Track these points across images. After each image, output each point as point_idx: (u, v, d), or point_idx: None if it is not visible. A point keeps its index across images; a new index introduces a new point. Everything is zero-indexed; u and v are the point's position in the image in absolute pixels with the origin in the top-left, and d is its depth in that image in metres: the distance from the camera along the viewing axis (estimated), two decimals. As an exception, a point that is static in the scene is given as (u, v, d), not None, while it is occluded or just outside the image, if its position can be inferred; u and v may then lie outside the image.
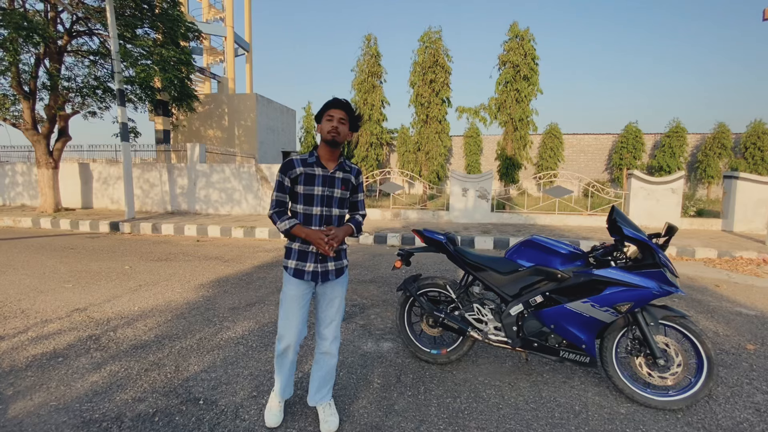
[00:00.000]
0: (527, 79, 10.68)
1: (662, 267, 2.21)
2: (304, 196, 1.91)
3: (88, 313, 3.76)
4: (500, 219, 9.80)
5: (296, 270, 1.96)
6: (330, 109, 1.89)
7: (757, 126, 16.91)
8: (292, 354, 2.05)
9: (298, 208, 1.93)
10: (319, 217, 1.93)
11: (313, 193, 1.91)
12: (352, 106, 1.95)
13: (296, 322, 1.99)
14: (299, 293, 1.98)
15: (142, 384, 2.54)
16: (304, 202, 1.92)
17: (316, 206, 1.92)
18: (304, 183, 1.89)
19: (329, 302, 2.04)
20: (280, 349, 2.04)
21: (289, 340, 2.00)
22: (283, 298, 2.02)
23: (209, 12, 19.64)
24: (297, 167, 1.91)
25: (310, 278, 1.95)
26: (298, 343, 2.04)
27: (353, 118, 1.95)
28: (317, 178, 1.91)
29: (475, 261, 2.66)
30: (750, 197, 8.68)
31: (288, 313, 1.99)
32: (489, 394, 2.46)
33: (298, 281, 1.97)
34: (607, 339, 2.40)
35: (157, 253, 6.49)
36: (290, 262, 1.97)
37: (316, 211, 1.92)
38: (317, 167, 1.92)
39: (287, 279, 2.00)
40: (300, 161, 1.93)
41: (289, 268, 1.98)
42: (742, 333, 3.48)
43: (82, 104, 10.67)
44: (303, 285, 1.97)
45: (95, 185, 11.79)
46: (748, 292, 4.73)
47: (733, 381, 2.64)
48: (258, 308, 3.92)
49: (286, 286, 2.00)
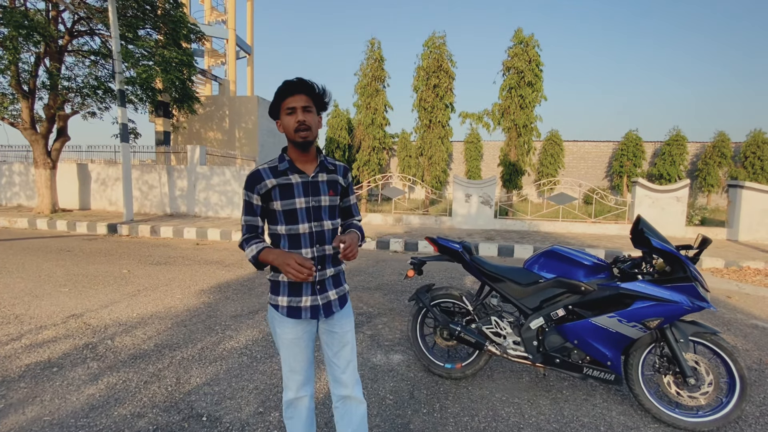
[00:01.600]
0: (531, 85, 10.64)
1: (694, 281, 2.10)
2: (285, 213, 1.48)
3: (85, 320, 3.62)
4: (504, 225, 9.70)
5: (290, 308, 1.52)
6: (287, 99, 1.43)
7: (756, 135, 16.96)
8: (308, 403, 1.62)
9: (280, 229, 1.50)
10: (308, 236, 1.50)
11: (295, 207, 1.48)
12: (310, 82, 1.45)
13: (303, 365, 1.58)
14: (298, 335, 1.55)
15: (141, 398, 2.40)
16: (285, 220, 1.49)
17: (303, 223, 1.49)
18: (280, 197, 1.47)
19: (341, 341, 1.60)
20: (289, 399, 1.59)
21: (298, 390, 1.58)
22: (278, 341, 1.57)
23: (211, 14, 19.60)
24: (266, 179, 1.47)
25: (309, 315, 1.52)
26: (311, 387, 1.63)
27: (318, 97, 1.47)
28: (296, 188, 1.48)
29: (492, 271, 2.55)
30: (755, 207, 8.63)
31: (288, 361, 1.56)
32: (508, 412, 2.34)
33: (294, 321, 1.54)
34: (633, 356, 2.29)
35: (156, 257, 6.35)
36: (280, 299, 1.53)
37: (304, 228, 1.49)
38: (293, 173, 1.49)
39: (279, 320, 1.54)
40: (269, 171, 1.48)
41: (280, 306, 1.53)
42: (762, 347, 3.38)
43: (81, 104, 10.55)
44: (302, 324, 1.55)
45: (93, 186, 11.63)
46: (761, 304, 4.63)
47: (759, 400, 2.53)
48: (261, 316, 3.79)
49: (280, 329, 1.54)
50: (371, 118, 11.42)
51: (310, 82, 1.45)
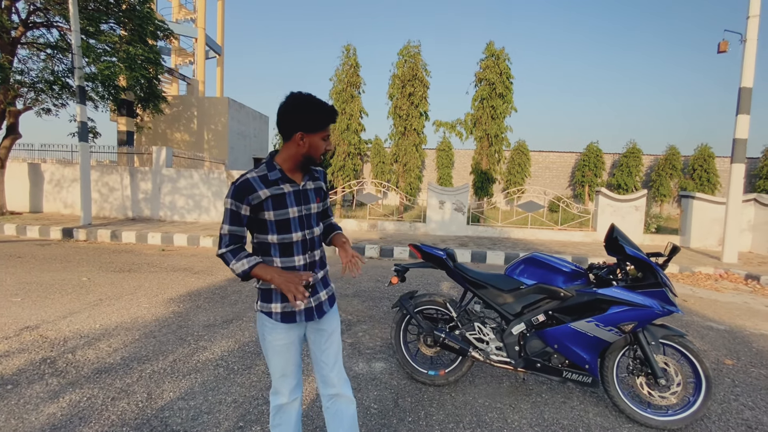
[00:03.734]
0: (502, 96, 10.99)
1: (664, 286, 2.23)
2: (278, 223, 1.48)
3: (41, 332, 3.36)
4: (476, 232, 9.91)
5: (284, 314, 1.53)
6: (329, 125, 1.50)
7: (703, 150, 18.31)
8: (298, 407, 1.64)
9: (270, 238, 1.50)
10: (301, 244, 1.53)
11: (288, 216, 1.49)
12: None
13: (295, 369, 1.60)
14: (291, 339, 1.56)
15: (109, 416, 2.25)
16: (278, 230, 1.49)
17: (296, 231, 1.51)
18: (273, 208, 1.46)
19: (329, 339, 1.63)
20: (279, 404, 1.60)
21: (290, 393, 1.59)
22: (269, 349, 1.56)
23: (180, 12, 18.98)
24: (258, 190, 1.44)
25: (304, 318, 1.55)
26: (301, 390, 1.66)
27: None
28: (288, 197, 1.49)
29: (476, 278, 2.59)
30: (705, 216, 9.29)
31: (280, 366, 1.57)
32: (492, 417, 2.37)
33: (287, 327, 1.55)
34: (609, 359, 2.38)
35: (119, 263, 6.01)
36: (274, 306, 1.53)
37: (297, 237, 1.51)
38: (284, 183, 1.49)
39: (272, 327, 1.54)
40: (259, 180, 1.46)
41: (273, 314, 1.53)
42: (718, 348, 3.62)
43: (35, 100, 9.89)
44: (294, 328, 1.57)
45: (47, 187, 10.87)
46: (713, 307, 4.97)
47: (720, 397, 2.70)
48: (236, 325, 3.66)
49: (271, 336, 1.54)
50: (346, 123, 11.39)
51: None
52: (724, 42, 7.51)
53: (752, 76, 7.36)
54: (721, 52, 7.51)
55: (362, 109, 11.66)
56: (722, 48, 7.45)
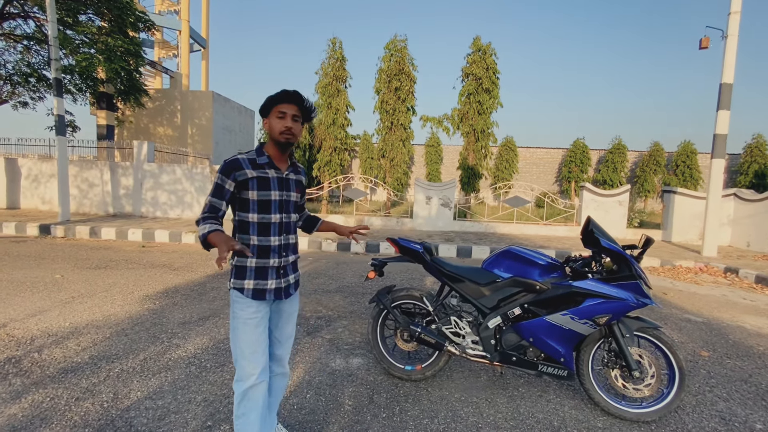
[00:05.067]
0: (489, 92, 10.99)
1: (638, 279, 2.22)
2: (259, 203, 1.63)
3: (8, 331, 3.23)
4: (462, 227, 9.92)
5: (256, 291, 1.65)
6: (281, 104, 1.62)
7: (686, 146, 18.62)
8: (264, 390, 1.69)
9: (251, 217, 1.64)
10: (278, 225, 1.68)
11: (270, 198, 1.65)
12: (304, 97, 1.65)
13: (264, 347, 1.69)
14: (261, 315, 1.67)
15: (71, 416, 2.16)
16: (259, 210, 1.64)
17: (275, 213, 1.67)
18: (258, 188, 1.62)
19: (288, 318, 1.82)
20: (246, 389, 1.63)
21: (260, 373, 1.65)
22: (240, 327, 1.64)
23: (163, 3, 18.54)
24: (246, 168, 1.61)
25: (273, 297, 1.68)
26: (267, 373, 1.71)
27: (306, 111, 1.67)
28: (272, 182, 1.66)
29: (452, 272, 2.56)
30: (686, 211, 9.44)
31: (251, 343, 1.64)
32: (467, 412, 2.34)
33: (258, 304, 1.66)
34: (584, 352, 2.38)
35: (95, 260, 5.85)
36: (246, 282, 1.65)
37: (275, 218, 1.67)
38: (270, 169, 1.66)
39: (244, 303, 1.65)
40: (248, 162, 1.63)
41: (246, 289, 1.64)
42: (695, 340, 3.66)
43: (11, 93, 9.57)
44: (263, 306, 1.69)
45: (24, 183, 10.56)
46: (692, 300, 5.04)
47: (695, 389, 2.72)
48: (212, 322, 3.58)
49: (244, 312, 1.64)
50: (333, 118, 11.28)
51: (303, 96, 1.65)
52: (705, 38, 7.59)
53: (733, 72, 7.46)
54: (702, 48, 7.59)
55: (349, 104, 11.56)
56: (704, 44, 7.53)
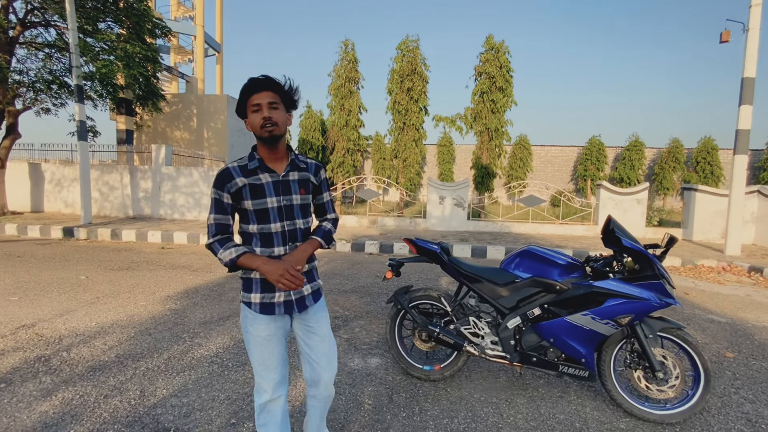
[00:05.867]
0: (502, 90, 10.91)
1: (661, 278, 2.18)
2: (256, 213, 1.47)
3: (37, 330, 3.35)
4: (476, 227, 9.86)
5: (263, 305, 1.51)
6: (251, 96, 1.42)
7: (706, 142, 18.12)
8: (283, 404, 1.58)
9: (251, 228, 1.49)
10: (281, 235, 1.49)
11: (267, 206, 1.47)
12: (276, 79, 1.44)
13: (276, 363, 1.54)
14: (272, 332, 1.53)
15: (101, 413, 2.24)
16: (257, 219, 1.48)
17: (275, 222, 1.48)
18: (251, 197, 1.45)
19: (317, 336, 1.61)
20: (263, 403, 1.55)
21: (274, 390, 1.54)
22: (251, 341, 1.53)
23: (178, 10, 18.92)
24: (236, 177, 1.45)
25: (283, 310, 1.52)
26: (286, 387, 1.60)
27: (286, 94, 1.46)
28: (267, 187, 1.47)
29: (470, 272, 2.56)
30: (708, 208, 9.19)
31: (262, 360, 1.53)
32: (487, 412, 2.34)
33: (268, 319, 1.52)
34: (605, 352, 2.35)
35: (118, 262, 6.01)
36: (253, 296, 1.51)
37: (276, 228, 1.48)
38: (263, 172, 1.48)
39: (252, 318, 1.52)
40: (238, 169, 1.46)
41: (252, 303, 1.52)
42: (719, 340, 3.57)
43: (34, 100, 9.89)
44: (276, 320, 1.54)
45: (47, 187, 10.90)
46: (715, 300, 4.92)
47: (720, 390, 2.66)
48: (232, 322, 3.64)
49: (252, 327, 1.52)
50: (345, 119, 11.34)
51: (276, 79, 1.44)
52: (726, 32, 7.39)
53: (755, 66, 7.24)
54: (723, 42, 7.40)
55: (361, 105, 11.61)
56: (724, 38, 7.33)
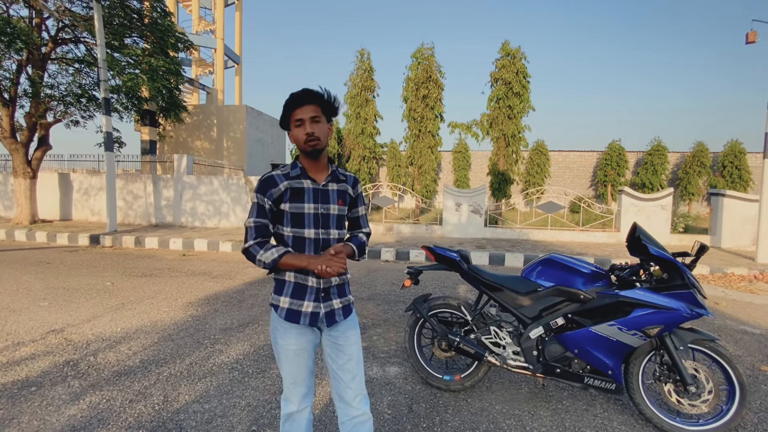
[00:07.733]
0: (519, 95, 10.82)
1: (692, 288, 2.11)
2: (293, 216, 1.47)
3: (66, 335, 3.46)
4: (494, 234, 9.74)
5: (289, 311, 1.48)
6: (294, 111, 1.45)
7: (733, 145, 17.50)
8: (308, 414, 1.58)
9: (285, 230, 1.50)
10: (313, 242, 1.49)
11: (303, 211, 1.48)
12: (320, 92, 1.45)
13: (306, 376, 1.55)
14: (302, 345, 1.51)
15: (126, 417, 2.28)
16: (292, 223, 1.48)
17: (309, 228, 1.48)
18: (290, 200, 1.47)
19: (345, 354, 1.56)
20: (290, 412, 1.55)
21: (300, 401, 1.54)
22: (280, 353, 1.53)
23: (199, 24, 19.53)
24: (279, 183, 1.47)
25: (308, 322, 1.48)
26: (312, 398, 1.59)
27: (326, 105, 1.47)
28: (306, 192, 1.48)
29: (491, 280, 2.52)
30: (737, 214, 8.85)
31: (291, 371, 1.52)
32: (509, 424, 2.29)
33: (298, 332, 1.50)
34: (633, 364, 2.27)
35: (141, 268, 6.16)
36: (282, 299, 1.50)
37: (309, 233, 1.48)
38: (305, 179, 1.50)
39: (283, 331, 1.51)
40: (282, 176, 1.48)
41: (279, 308, 1.50)
42: (753, 353, 3.41)
43: (64, 113, 10.31)
44: (305, 333, 1.52)
45: (75, 196, 11.31)
46: (748, 310, 4.71)
47: (756, 406, 2.53)
48: (252, 329, 3.68)
49: (283, 340, 1.51)
50: (361, 127, 11.44)
51: (316, 91, 1.45)
52: (752, 32, 7.17)
53: (785, 66, 6.99)
54: (749, 42, 7.17)
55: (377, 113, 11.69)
56: (751, 38, 7.11)
